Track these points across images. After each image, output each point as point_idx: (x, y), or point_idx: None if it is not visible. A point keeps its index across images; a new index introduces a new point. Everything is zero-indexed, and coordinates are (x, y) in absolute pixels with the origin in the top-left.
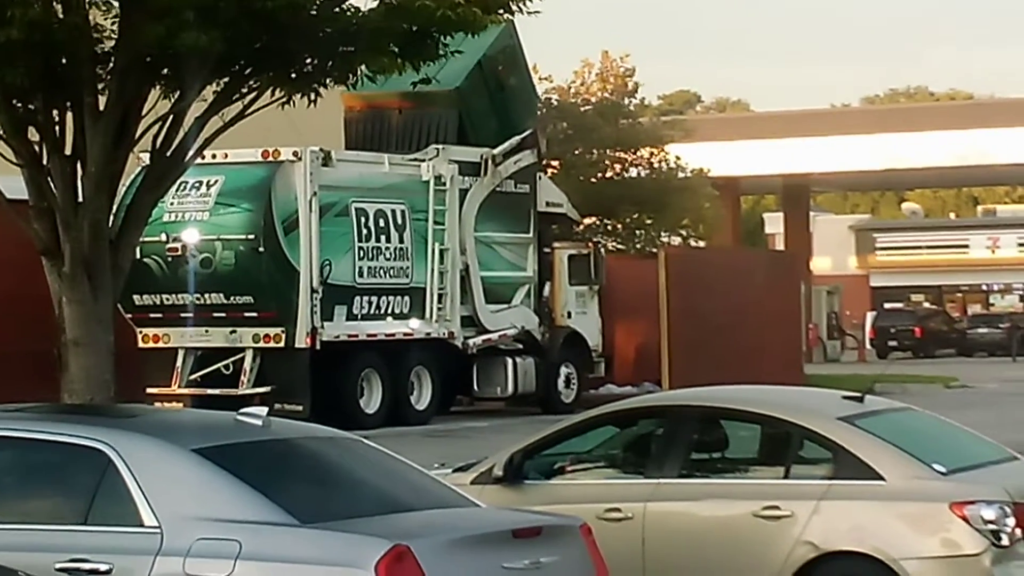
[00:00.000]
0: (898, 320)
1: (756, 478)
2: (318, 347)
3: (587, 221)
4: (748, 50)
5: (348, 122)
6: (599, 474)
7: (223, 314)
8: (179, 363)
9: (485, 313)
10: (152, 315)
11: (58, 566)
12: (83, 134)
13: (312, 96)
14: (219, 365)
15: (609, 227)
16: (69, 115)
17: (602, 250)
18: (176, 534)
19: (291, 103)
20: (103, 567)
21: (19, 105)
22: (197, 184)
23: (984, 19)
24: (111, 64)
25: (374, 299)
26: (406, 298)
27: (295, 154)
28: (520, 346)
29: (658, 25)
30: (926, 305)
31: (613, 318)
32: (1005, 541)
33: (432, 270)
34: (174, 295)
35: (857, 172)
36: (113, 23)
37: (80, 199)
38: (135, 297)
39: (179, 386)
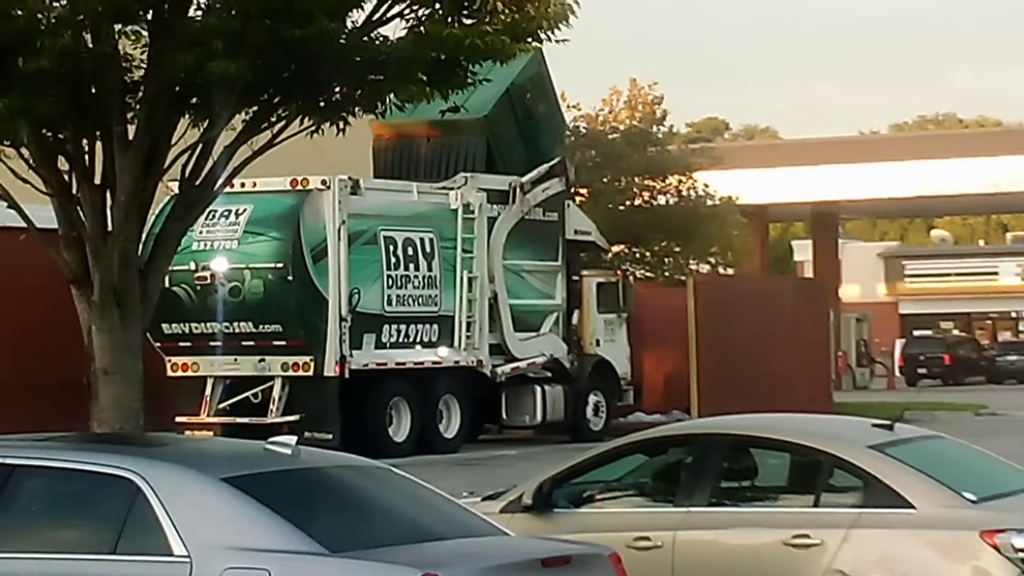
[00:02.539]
0: (927, 347)
1: (786, 506)
2: (347, 375)
3: (615, 249)
4: (776, 78)
5: (376, 150)
6: (628, 502)
7: (252, 343)
8: (208, 392)
9: (514, 341)
10: (181, 344)
11: None
12: (112, 163)
13: (341, 124)
14: (248, 394)
15: (638, 255)
16: (99, 144)
17: (631, 278)
18: (205, 563)
19: (320, 132)
20: None
21: (49, 134)
22: (226, 213)
23: (1014, 46)
24: (140, 93)
25: (403, 327)
26: (435, 326)
27: (324, 183)
28: (549, 374)
29: (686, 53)
30: (955, 332)
31: (642, 346)
32: None
33: (461, 298)
34: (203, 324)
35: (886, 199)
36: (142, 52)
37: (109, 228)
38: (164, 326)
39: (208, 415)
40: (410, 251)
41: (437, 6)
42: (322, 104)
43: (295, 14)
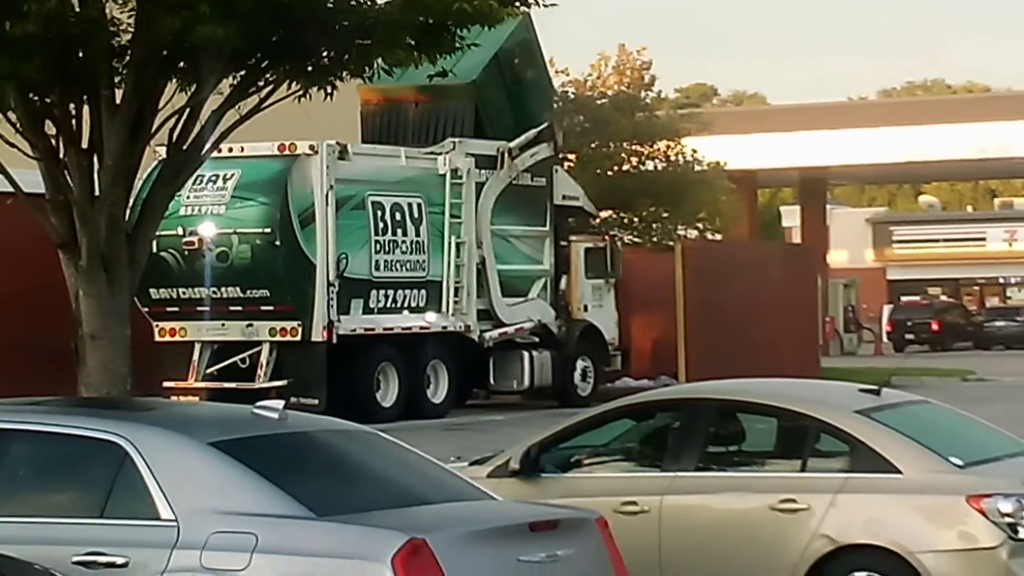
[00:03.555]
0: (915, 313)
1: (773, 471)
2: (334, 341)
3: (604, 214)
4: (765, 43)
5: (364, 115)
6: (616, 467)
7: (239, 308)
8: (195, 357)
9: (501, 306)
10: (169, 309)
11: (75, 559)
12: (100, 128)
13: (328, 89)
14: (236, 359)
15: (625, 220)
16: (86, 109)
17: (619, 243)
18: (193, 527)
19: (307, 96)
20: (119, 560)
21: (36, 99)
22: (214, 178)
23: (1002, 11)
24: (127, 58)
25: (390, 293)
26: (422, 291)
27: (311, 148)
28: (536, 339)
29: (675, 18)
30: (943, 298)
31: (629, 311)
32: (1022, 534)
33: (448, 263)
34: (191, 289)
35: (874, 165)
36: (129, 16)
37: (97, 193)
38: (152, 291)
39: (195, 380)
40: (398, 216)
41: None
42: (310, 69)
43: None
